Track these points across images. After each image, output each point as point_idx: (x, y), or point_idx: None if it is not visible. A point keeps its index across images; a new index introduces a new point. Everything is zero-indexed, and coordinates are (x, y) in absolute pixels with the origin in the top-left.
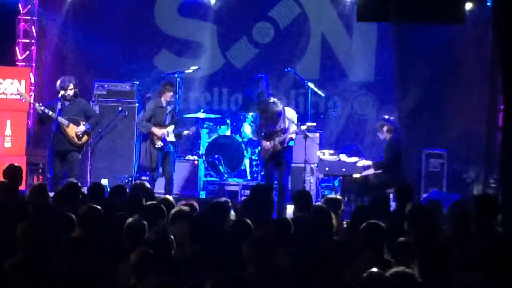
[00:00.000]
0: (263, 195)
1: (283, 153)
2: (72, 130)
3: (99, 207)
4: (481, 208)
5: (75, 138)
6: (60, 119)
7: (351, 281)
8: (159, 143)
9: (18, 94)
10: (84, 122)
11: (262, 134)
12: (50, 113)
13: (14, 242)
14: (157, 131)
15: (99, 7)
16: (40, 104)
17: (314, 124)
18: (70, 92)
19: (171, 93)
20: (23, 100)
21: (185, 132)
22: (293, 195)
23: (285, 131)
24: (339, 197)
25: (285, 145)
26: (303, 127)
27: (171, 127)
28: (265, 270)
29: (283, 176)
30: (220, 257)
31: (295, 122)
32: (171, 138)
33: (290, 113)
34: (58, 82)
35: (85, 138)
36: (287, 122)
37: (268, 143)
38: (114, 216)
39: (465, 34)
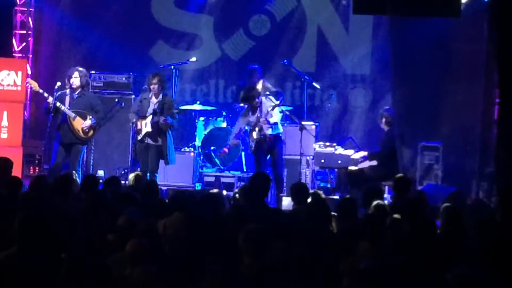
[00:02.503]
0: (263, 183)
1: (272, 142)
2: (78, 124)
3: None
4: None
5: (80, 132)
6: (67, 111)
7: (349, 273)
8: (138, 136)
9: (27, 82)
10: (90, 117)
11: (247, 127)
12: (58, 104)
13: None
14: (137, 123)
15: None
16: (48, 95)
17: (278, 102)
18: (76, 81)
19: (152, 85)
20: (31, 87)
21: (158, 121)
22: (289, 188)
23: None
24: None
25: (270, 133)
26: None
27: (149, 118)
28: (261, 261)
29: (277, 166)
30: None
31: (272, 107)
32: (148, 128)
33: (268, 103)
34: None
35: (90, 132)
36: (264, 112)
37: (253, 133)
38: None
39: (461, 27)
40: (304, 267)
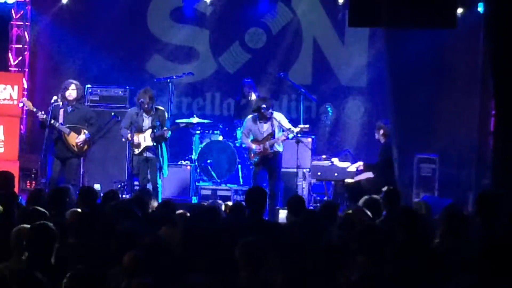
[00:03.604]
0: (259, 198)
1: (273, 159)
2: (73, 139)
3: (87, 212)
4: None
5: (75, 147)
6: (62, 127)
7: (347, 285)
8: (136, 150)
9: (21, 101)
10: (85, 131)
11: (251, 137)
12: (52, 121)
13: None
14: (129, 138)
15: (92, 13)
16: (42, 112)
17: (307, 126)
18: (73, 93)
19: (142, 100)
20: (26, 108)
21: (163, 134)
22: (286, 200)
23: (274, 135)
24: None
25: (274, 149)
26: (296, 129)
27: (149, 132)
28: (257, 274)
29: (275, 182)
30: (213, 261)
31: (285, 125)
32: (148, 142)
33: (278, 117)
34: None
35: (85, 147)
36: (275, 127)
37: (259, 146)
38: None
39: (457, 39)
40: (301, 279)
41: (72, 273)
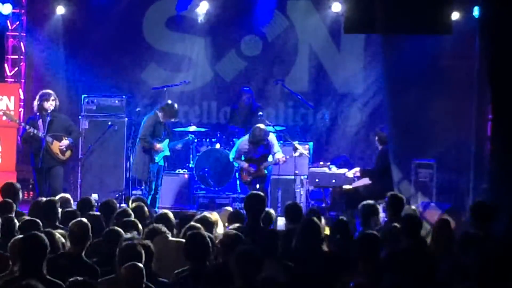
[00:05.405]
0: (258, 203)
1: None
2: (56, 147)
3: (87, 222)
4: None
5: (59, 154)
6: (47, 137)
7: None
8: (157, 158)
9: (4, 115)
10: (66, 137)
11: (242, 158)
12: (35, 131)
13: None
14: (158, 146)
15: (87, 23)
16: (27, 125)
17: (307, 147)
18: (53, 103)
19: (173, 115)
20: (9, 121)
21: (178, 146)
22: (284, 208)
23: (267, 158)
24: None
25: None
26: (295, 154)
27: (166, 141)
28: (252, 283)
29: (265, 187)
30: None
31: (275, 148)
32: (167, 152)
33: (273, 139)
34: (38, 96)
35: (68, 153)
36: (274, 147)
37: (254, 165)
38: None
39: (453, 44)
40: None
41: (71, 282)
